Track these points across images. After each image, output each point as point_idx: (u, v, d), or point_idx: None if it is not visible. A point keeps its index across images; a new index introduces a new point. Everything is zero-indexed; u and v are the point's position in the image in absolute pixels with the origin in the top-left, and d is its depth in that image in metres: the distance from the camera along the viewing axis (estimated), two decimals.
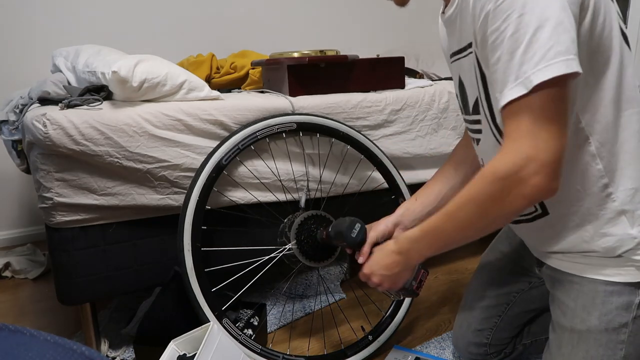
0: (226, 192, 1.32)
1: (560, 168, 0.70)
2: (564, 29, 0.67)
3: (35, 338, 0.32)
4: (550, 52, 0.67)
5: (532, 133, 0.69)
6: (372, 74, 1.56)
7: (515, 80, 0.69)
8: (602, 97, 0.79)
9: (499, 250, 1.17)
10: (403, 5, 0.92)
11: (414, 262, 0.94)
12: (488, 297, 1.15)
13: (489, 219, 0.77)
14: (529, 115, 0.69)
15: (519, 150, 0.70)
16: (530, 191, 0.70)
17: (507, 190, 0.72)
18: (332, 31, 2.79)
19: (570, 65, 0.67)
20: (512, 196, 0.72)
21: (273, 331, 1.47)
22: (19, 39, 2.15)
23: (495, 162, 0.73)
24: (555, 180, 0.70)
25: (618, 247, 0.83)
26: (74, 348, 0.32)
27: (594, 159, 0.81)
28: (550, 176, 0.69)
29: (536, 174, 0.69)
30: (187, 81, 1.29)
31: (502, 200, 0.73)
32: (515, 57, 0.69)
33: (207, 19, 2.47)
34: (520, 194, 0.71)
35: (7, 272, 1.96)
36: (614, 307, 0.85)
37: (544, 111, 0.69)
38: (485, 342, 1.17)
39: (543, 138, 0.69)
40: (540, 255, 0.98)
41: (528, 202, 0.72)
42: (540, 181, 0.69)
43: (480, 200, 0.76)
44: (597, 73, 0.78)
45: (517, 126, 0.70)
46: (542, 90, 0.68)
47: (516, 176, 0.70)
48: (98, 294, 1.27)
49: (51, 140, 1.11)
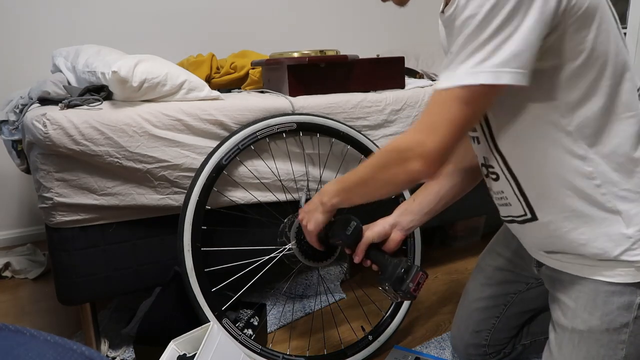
0: (226, 192, 1.32)
1: (440, 162, 0.79)
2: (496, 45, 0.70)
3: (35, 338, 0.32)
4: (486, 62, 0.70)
5: (430, 126, 0.78)
6: (372, 74, 1.56)
7: (449, 72, 0.75)
8: (595, 102, 0.79)
9: (496, 252, 1.17)
10: (402, 5, 0.93)
11: (325, 205, 1.00)
12: (485, 298, 1.15)
13: (380, 182, 0.87)
14: (437, 108, 0.77)
15: (415, 134, 0.80)
16: (409, 168, 0.80)
17: (394, 162, 0.83)
18: (332, 31, 2.79)
19: (498, 77, 0.70)
20: (395, 168, 0.83)
21: (273, 331, 1.47)
22: (19, 39, 2.15)
23: (399, 137, 0.84)
24: (432, 168, 0.79)
25: (614, 247, 0.83)
26: (74, 348, 0.32)
27: (586, 162, 0.81)
28: (428, 165, 0.78)
29: (418, 156, 0.78)
30: (187, 81, 1.29)
31: (388, 169, 0.84)
32: (460, 54, 0.73)
33: (207, 19, 2.47)
34: (402, 169, 0.81)
35: (7, 272, 1.96)
36: (615, 307, 0.85)
37: (448, 110, 0.75)
38: (483, 344, 1.16)
39: (435, 133, 0.77)
40: (538, 256, 0.98)
41: (407, 178, 0.82)
42: (418, 164, 0.79)
43: (376, 163, 0.87)
44: (589, 78, 0.78)
45: (428, 113, 0.79)
46: (462, 89, 0.73)
47: (403, 153, 0.81)
48: (98, 294, 1.27)
49: (51, 140, 1.11)
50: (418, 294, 1.04)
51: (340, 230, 1.04)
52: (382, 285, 1.06)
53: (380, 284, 1.07)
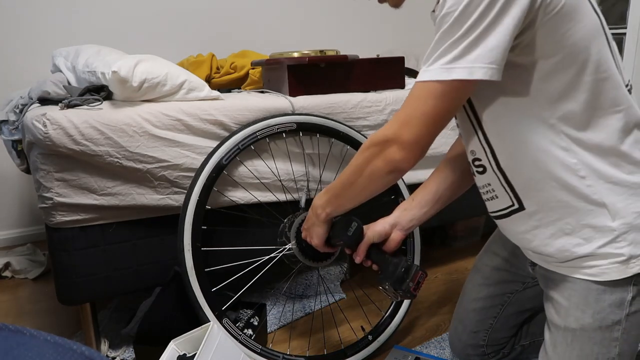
0: (226, 192, 1.32)
1: (418, 152, 0.82)
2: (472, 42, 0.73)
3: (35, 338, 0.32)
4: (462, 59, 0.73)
5: (406, 119, 0.81)
6: (372, 74, 1.56)
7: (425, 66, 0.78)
8: (577, 97, 0.79)
9: (493, 251, 1.17)
10: (397, 7, 0.95)
11: (319, 217, 1.03)
12: (482, 298, 1.15)
13: (363, 180, 0.90)
14: (416, 102, 0.80)
15: (392, 127, 0.82)
16: (388, 158, 0.84)
17: (374, 155, 0.86)
18: (332, 31, 2.79)
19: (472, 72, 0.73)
20: (376, 160, 0.86)
21: (273, 331, 1.47)
22: (19, 39, 2.15)
23: (377, 132, 0.86)
24: (410, 157, 0.82)
25: (596, 238, 0.83)
26: (74, 348, 0.32)
27: (569, 154, 0.82)
28: (406, 153, 0.82)
29: (395, 145, 0.82)
30: (187, 81, 1.29)
31: (369, 163, 0.87)
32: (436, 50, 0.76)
33: (207, 18, 2.47)
34: (381, 160, 0.85)
35: (7, 272, 1.96)
36: (607, 305, 0.85)
37: (424, 103, 0.78)
38: (481, 344, 1.17)
39: (411, 126, 0.80)
40: (528, 254, 0.99)
41: (387, 168, 0.85)
42: (396, 153, 0.82)
43: (359, 162, 0.89)
44: (569, 74, 0.78)
45: (405, 106, 0.81)
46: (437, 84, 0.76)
47: (382, 145, 0.84)
48: (98, 294, 1.27)
49: (51, 140, 1.11)
50: (418, 293, 1.05)
51: (341, 231, 1.05)
52: (383, 284, 1.06)
53: (380, 284, 1.07)
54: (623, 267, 0.83)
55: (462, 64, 0.74)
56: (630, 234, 0.83)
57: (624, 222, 0.82)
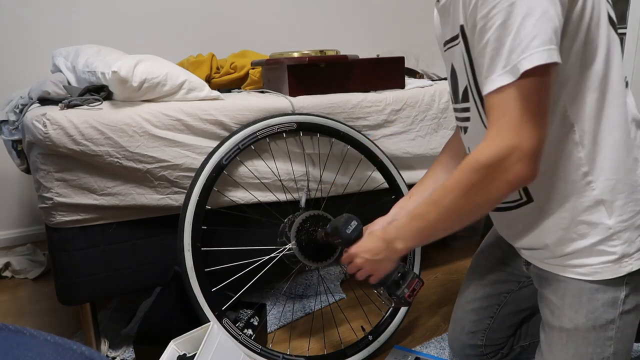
0: (226, 192, 1.32)
1: (540, 155, 0.74)
2: (548, 18, 0.69)
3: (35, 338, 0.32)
4: (534, 41, 0.69)
5: (516, 123, 0.72)
6: (372, 74, 1.56)
7: (503, 68, 0.72)
8: (589, 87, 0.79)
9: (488, 252, 1.17)
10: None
11: (398, 252, 0.93)
12: (479, 299, 1.15)
13: (473, 205, 0.80)
14: (514, 104, 0.72)
15: (503, 140, 0.73)
16: (513, 177, 0.74)
17: (491, 177, 0.75)
18: (332, 31, 2.79)
19: (551, 55, 0.70)
20: (496, 182, 0.75)
21: (273, 331, 1.47)
22: (19, 39, 2.15)
23: (480, 150, 0.75)
24: (536, 167, 0.74)
25: (591, 235, 0.83)
26: (74, 348, 0.32)
27: (577, 147, 0.81)
28: (532, 164, 0.73)
29: (519, 161, 0.73)
30: (187, 81, 1.29)
31: (485, 187, 0.76)
32: (504, 45, 0.71)
33: (207, 19, 2.47)
34: (505, 180, 0.74)
35: (7, 272, 1.96)
36: (600, 304, 0.85)
37: (528, 101, 0.71)
38: (480, 344, 1.17)
39: (526, 128, 0.72)
40: (524, 254, 0.99)
41: (511, 188, 0.76)
42: (523, 168, 0.73)
43: (465, 187, 0.78)
44: (584, 62, 0.79)
45: (502, 115, 0.73)
46: (527, 78, 0.70)
47: (500, 164, 0.73)
48: (98, 294, 1.27)
49: (51, 140, 1.11)
50: (412, 300, 1.05)
51: (341, 229, 1.04)
52: (377, 288, 1.06)
53: (375, 287, 1.07)
54: (616, 266, 0.84)
55: (536, 50, 0.69)
56: (626, 232, 0.83)
57: (621, 220, 0.82)
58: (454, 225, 0.85)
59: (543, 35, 0.69)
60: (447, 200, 0.81)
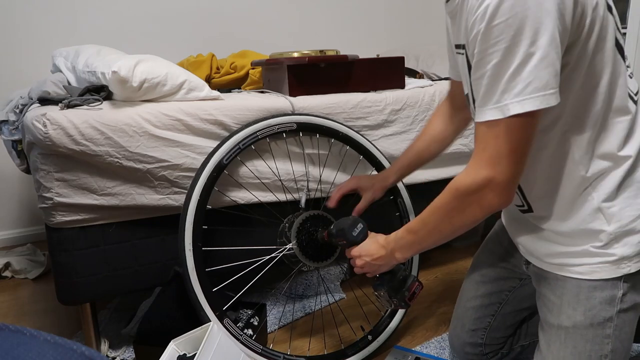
0: (227, 191, 1.32)
1: (514, 186, 0.80)
2: (547, 63, 0.71)
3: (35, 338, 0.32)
4: (529, 87, 0.72)
5: (494, 158, 0.77)
6: (372, 74, 1.56)
7: (495, 104, 0.75)
8: (592, 107, 0.81)
9: (489, 249, 1.18)
10: None
11: (397, 260, 1.01)
12: (480, 296, 1.16)
13: (453, 226, 0.87)
14: (496, 141, 0.76)
15: (480, 173, 0.79)
16: (486, 205, 0.81)
17: (467, 204, 0.82)
18: (332, 31, 2.79)
19: (545, 100, 0.72)
20: (470, 208, 0.82)
21: (273, 331, 1.47)
22: (19, 39, 2.15)
23: (460, 179, 0.82)
24: (509, 196, 0.80)
25: (590, 241, 0.85)
26: (74, 348, 0.32)
27: (577, 166, 0.84)
28: (504, 195, 0.79)
29: (491, 192, 0.79)
30: (187, 81, 1.29)
31: (462, 212, 0.84)
32: (498, 84, 0.74)
33: (207, 19, 2.47)
34: (478, 206, 0.81)
35: (7, 272, 1.96)
36: (598, 302, 0.86)
37: (511, 140, 0.75)
38: (480, 342, 1.17)
39: (503, 164, 0.77)
40: (525, 253, 1.01)
41: (484, 214, 0.83)
42: (494, 198, 0.79)
43: (445, 210, 0.86)
44: (588, 85, 0.80)
45: (484, 149, 0.78)
46: (515, 119, 0.74)
47: (475, 193, 0.80)
48: (98, 294, 1.27)
49: (51, 140, 1.11)
50: (412, 303, 1.06)
51: (347, 232, 1.04)
52: (378, 290, 1.07)
53: (375, 289, 1.07)
54: (614, 267, 0.85)
55: (533, 94, 0.72)
56: (625, 236, 0.84)
57: (620, 225, 0.84)
58: (440, 240, 0.92)
59: (538, 82, 0.71)
60: (432, 219, 0.90)
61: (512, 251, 1.09)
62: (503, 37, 0.71)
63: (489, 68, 0.74)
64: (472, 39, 0.76)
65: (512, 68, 0.71)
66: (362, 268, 1.05)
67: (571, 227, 0.87)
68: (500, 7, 0.70)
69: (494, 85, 0.74)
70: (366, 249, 1.03)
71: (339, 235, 1.07)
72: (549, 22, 0.70)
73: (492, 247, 1.17)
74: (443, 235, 0.90)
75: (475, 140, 0.81)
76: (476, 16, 0.73)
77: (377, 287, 1.07)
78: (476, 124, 0.80)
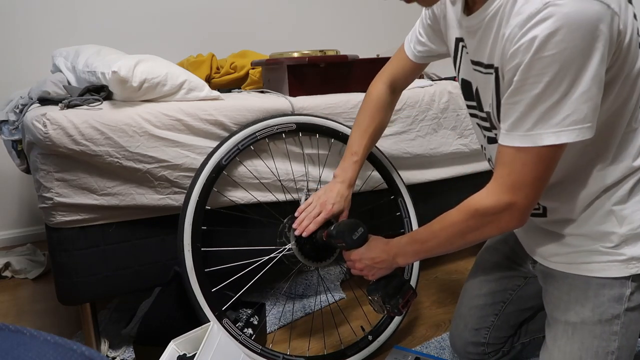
0: (226, 192, 1.32)
1: (531, 209, 0.82)
2: (588, 97, 0.71)
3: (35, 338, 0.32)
4: (567, 120, 0.72)
5: (518, 184, 0.78)
6: (372, 74, 1.56)
7: (526, 131, 0.75)
8: (617, 126, 0.82)
9: (494, 248, 1.18)
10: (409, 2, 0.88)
11: (398, 264, 1.02)
12: (484, 295, 1.16)
13: (465, 241, 0.89)
14: (522, 168, 0.77)
15: (502, 197, 0.80)
16: (504, 226, 0.83)
17: (485, 223, 0.84)
18: (332, 31, 2.79)
19: (582, 133, 0.72)
20: (488, 227, 0.85)
21: (273, 331, 1.47)
22: (19, 39, 2.15)
23: (480, 199, 0.84)
24: (525, 218, 0.82)
25: (601, 242, 0.86)
26: (74, 348, 0.32)
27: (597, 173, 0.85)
28: (522, 218, 0.82)
29: (511, 215, 0.81)
30: (187, 81, 1.29)
31: (479, 229, 0.86)
32: (534, 112, 0.73)
33: (208, 19, 2.47)
34: (496, 227, 0.84)
35: (7, 272, 1.96)
36: (606, 299, 0.87)
37: (536, 169, 0.77)
38: (482, 342, 1.17)
39: (525, 191, 0.79)
40: (532, 253, 1.01)
41: (499, 233, 0.86)
42: (513, 221, 0.82)
43: (460, 227, 0.88)
44: (615, 106, 0.81)
45: (509, 173, 0.79)
46: (546, 148, 0.74)
47: (494, 215, 0.82)
48: (98, 294, 1.27)
49: (51, 140, 1.11)
50: (405, 311, 1.07)
51: (346, 234, 1.04)
52: (372, 295, 1.07)
53: (369, 294, 1.07)
54: (623, 266, 0.86)
55: (569, 127, 0.72)
56: (635, 239, 0.86)
57: (631, 227, 0.85)
58: (449, 251, 0.95)
59: (577, 115, 0.71)
60: (445, 233, 0.91)
61: (518, 250, 1.09)
62: (547, 71, 0.70)
63: (528, 97, 0.73)
64: (512, 67, 0.74)
65: (552, 101, 0.71)
66: (362, 271, 1.05)
67: (583, 230, 0.88)
68: (549, 42, 0.68)
69: (529, 114, 0.74)
70: (366, 253, 1.04)
71: (338, 237, 1.07)
72: (596, 58, 0.69)
73: (497, 245, 1.17)
74: (453, 247, 0.92)
75: (497, 161, 0.81)
76: (519, 45, 0.71)
77: (372, 292, 1.07)
78: (500, 145, 0.80)
